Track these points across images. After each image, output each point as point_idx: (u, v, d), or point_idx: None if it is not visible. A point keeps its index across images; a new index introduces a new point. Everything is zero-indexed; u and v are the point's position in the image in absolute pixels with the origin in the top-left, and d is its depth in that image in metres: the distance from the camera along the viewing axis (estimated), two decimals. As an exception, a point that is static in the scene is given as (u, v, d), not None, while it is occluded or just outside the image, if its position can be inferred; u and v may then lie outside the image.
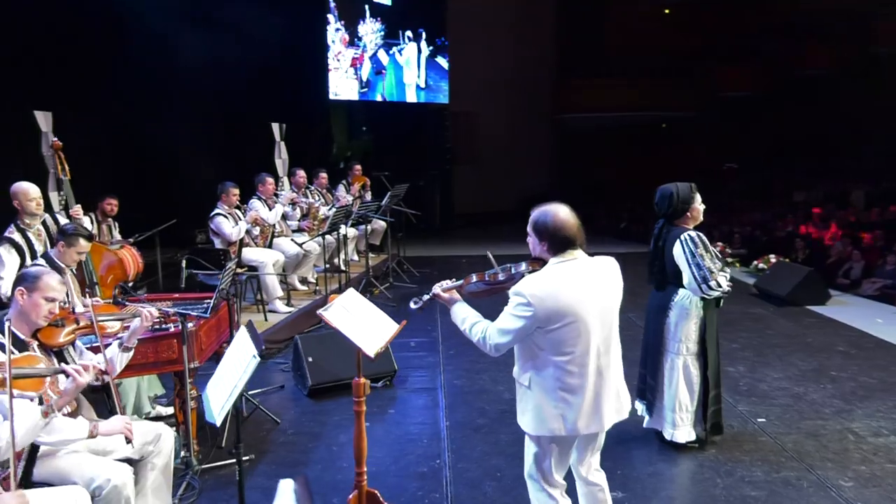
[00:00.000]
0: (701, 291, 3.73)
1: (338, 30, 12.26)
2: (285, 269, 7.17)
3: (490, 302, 2.85)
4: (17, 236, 4.61)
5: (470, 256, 10.68)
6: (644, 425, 4.07)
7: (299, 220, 7.85)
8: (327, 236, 7.53)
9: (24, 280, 2.74)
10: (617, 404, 2.69)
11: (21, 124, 6.92)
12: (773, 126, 17.14)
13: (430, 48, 14.04)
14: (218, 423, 2.62)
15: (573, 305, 2.51)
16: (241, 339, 2.85)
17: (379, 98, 13.30)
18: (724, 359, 5.45)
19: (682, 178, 3.93)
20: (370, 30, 13.10)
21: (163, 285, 7.16)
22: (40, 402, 2.47)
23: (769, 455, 3.91)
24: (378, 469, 3.80)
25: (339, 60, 12.17)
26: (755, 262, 9.17)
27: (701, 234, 3.84)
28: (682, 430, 3.94)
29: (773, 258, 8.80)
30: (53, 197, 7.58)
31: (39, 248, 4.83)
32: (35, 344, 2.80)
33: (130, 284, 6.01)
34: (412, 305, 2.82)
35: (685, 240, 3.77)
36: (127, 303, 3.74)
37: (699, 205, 3.91)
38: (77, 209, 4.84)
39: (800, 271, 7.70)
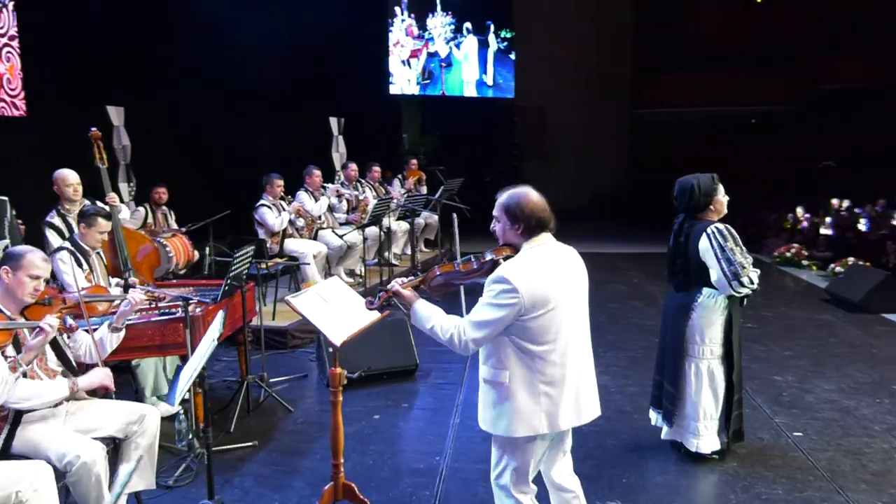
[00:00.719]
0: (731, 288, 3.44)
1: (403, 20, 12.31)
2: (329, 261, 7.24)
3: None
4: (57, 220, 4.83)
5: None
6: (662, 437, 3.80)
7: (347, 213, 7.90)
8: (373, 229, 7.56)
9: (9, 259, 2.83)
10: (593, 398, 2.55)
11: (94, 119, 7.34)
12: (882, 122, 15.74)
13: (500, 43, 13.85)
14: (175, 405, 2.61)
15: (555, 291, 2.38)
16: (214, 323, 2.83)
17: (441, 93, 13.27)
18: (773, 367, 5.11)
19: (775, 177, 3.64)
20: (439, 23, 13.09)
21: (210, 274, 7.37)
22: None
23: (796, 472, 3.56)
24: (374, 461, 3.75)
25: (398, 53, 12.24)
26: (832, 266, 8.50)
27: (729, 227, 3.55)
28: (706, 439, 3.65)
29: (850, 261, 8.12)
30: (123, 188, 7.98)
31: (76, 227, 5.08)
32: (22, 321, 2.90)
33: (182, 272, 6.25)
34: (367, 306, 2.67)
35: (712, 233, 3.48)
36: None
37: (722, 197, 3.61)
38: (112, 196, 5.00)
39: (876, 275, 7.06)
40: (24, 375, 2.71)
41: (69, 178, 5.00)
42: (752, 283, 3.45)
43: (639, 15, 17.24)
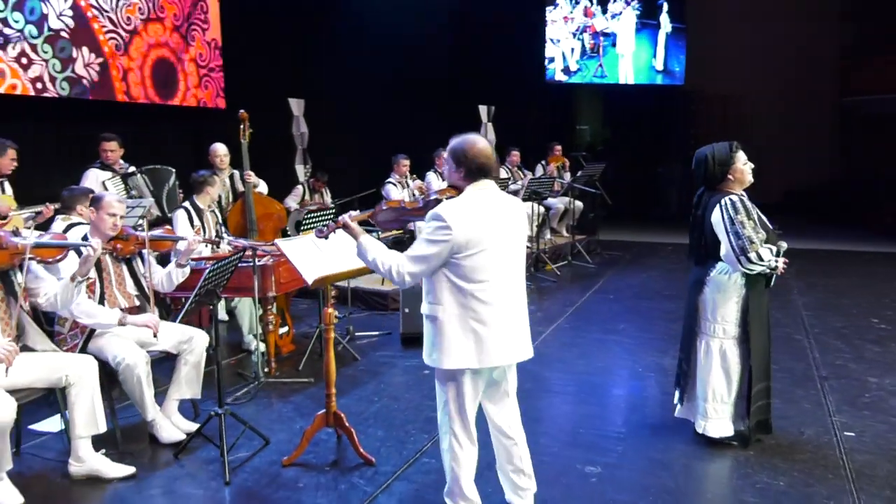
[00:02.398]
0: (739, 264, 3.26)
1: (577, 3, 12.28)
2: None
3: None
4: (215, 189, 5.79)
5: (678, 245, 9.99)
6: (675, 414, 3.67)
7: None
8: None
9: (95, 202, 3.61)
10: (524, 341, 2.68)
11: (279, 109, 8.51)
12: None
13: (672, 24, 13.22)
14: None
15: (489, 232, 2.55)
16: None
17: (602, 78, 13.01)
18: (877, 369, 4.61)
19: None
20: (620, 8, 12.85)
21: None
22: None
23: (817, 468, 3.25)
24: (378, 411, 4.02)
25: (559, 33, 12.22)
26: None
27: (745, 198, 3.35)
28: (714, 422, 3.48)
29: None
30: (299, 169, 9.09)
31: (223, 195, 6.04)
32: (109, 251, 3.68)
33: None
34: (316, 235, 2.97)
35: (725, 204, 3.31)
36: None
37: (743, 164, 3.39)
38: (249, 173, 5.82)
39: None
40: (84, 287, 3.39)
41: (218, 150, 6.02)
42: (761, 259, 3.22)
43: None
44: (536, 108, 12.14)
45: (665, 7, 13.03)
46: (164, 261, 4.09)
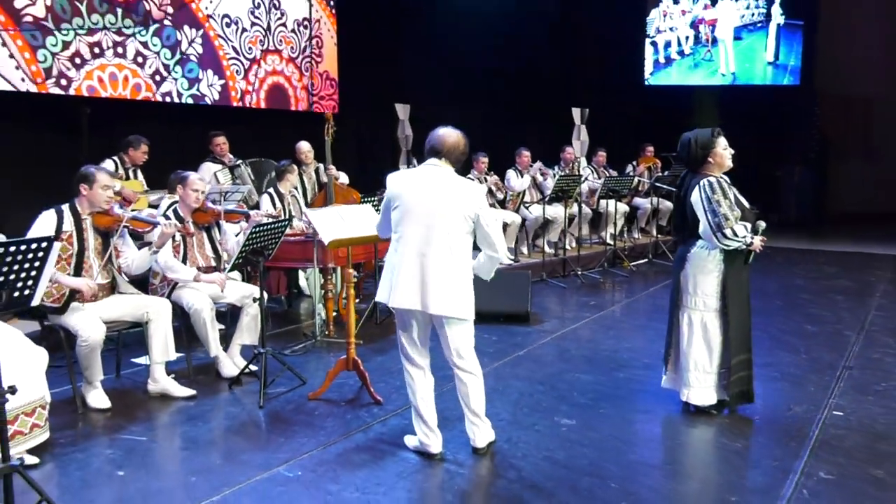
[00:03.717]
0: (716, 240, 3.52)
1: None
2: (527, 232, 8.14)
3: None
4: (293, 176, 6.68)
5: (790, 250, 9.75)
6: (662, 384, 3.92)
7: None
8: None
9: (181, 180, 4.49)
10: (443, 298, 3.06)
11: (387, 114, 9.39)
12: None
13: (784, 17, 12.65)
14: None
15: (405, 194, 3.09)
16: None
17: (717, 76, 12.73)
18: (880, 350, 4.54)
19: None
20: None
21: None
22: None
23: (782, 437, 3.42)
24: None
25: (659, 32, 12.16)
26: None
27: (722, 179, 3.60)
28: (697, 391, 3.71)
29: None
30: (402, 168, 9.91)
31: (309, 185, 6.88)
32: (191, 221, 4.55)
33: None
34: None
35: (703, 185, 3.58)
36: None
37: (723, 150, 3.63)
38: (331, 167, 6.59)
39: None
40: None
41: (302, 147, 6.86)
42: (736, 235, 3.45)
43: None
44: (639, 109, 12.17)
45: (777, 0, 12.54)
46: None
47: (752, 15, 12.61)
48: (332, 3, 8.53)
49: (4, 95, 5.71)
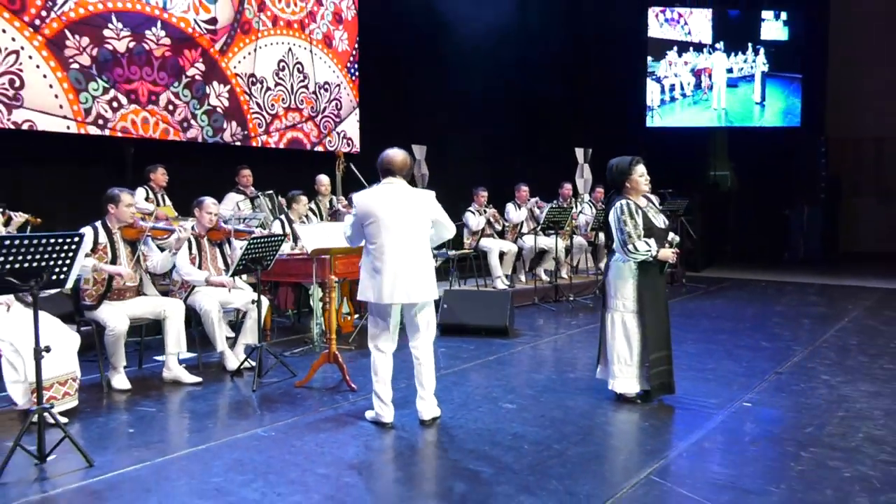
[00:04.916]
0: (624, 253, 4.16)
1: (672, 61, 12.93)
2: (524, 261, 8.80)
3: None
4: (311, 204, 7.50)
5: (777, 283, 10.17)
6: (596, 375, 4.51)
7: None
8: (578, 240, 8.90)
9: (198, 205, 5.32)
10: (414, 288, 3.76)
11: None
12: None
13: (767, 66, 13.27)
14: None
15: (377, 210, 3.78)
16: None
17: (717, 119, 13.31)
18: (833, 369, 5.02)
19: None
20: (750, 59, 13.28)
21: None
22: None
23: (676, 417, 3.97)
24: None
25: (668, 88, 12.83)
26: None
27: (630, 203, 4.21)
28: (620, 381, 4.29)
29: None
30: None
31: (324, 212, 7.68)
32: (206, 239, 5.36)
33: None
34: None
35: (616, 207, 4.23)
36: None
37: (638, 176, 4.26)
38: (340, 198, 7.41)
39: None
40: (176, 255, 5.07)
41: (322, 179, 7.73)
42: (637, 250, 4.08)
43: None
44: (640, 149, 12.79)
45: (761, 50, 13.21)
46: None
47: (741, 70, 13.31)
48: (353, 71, 9.40)
49: (63, 137, 6.71)
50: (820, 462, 3.34)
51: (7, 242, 3.12)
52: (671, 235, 4.26)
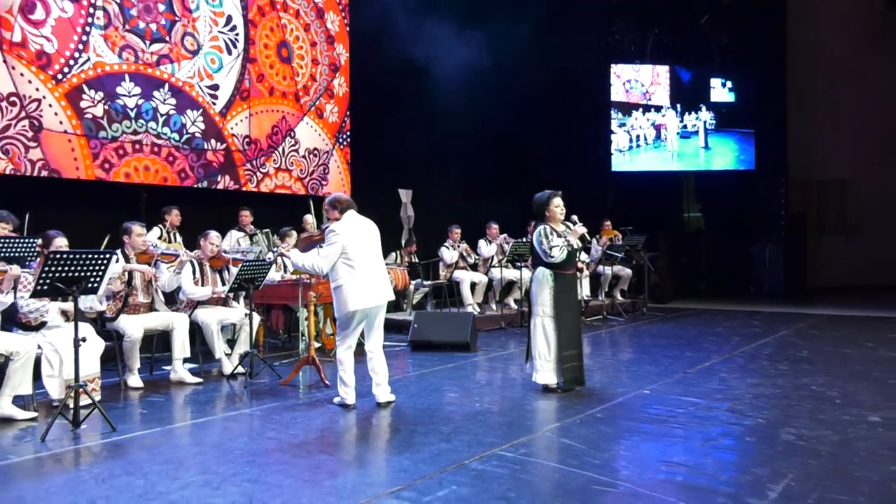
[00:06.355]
0: (548, 260, 5.17)
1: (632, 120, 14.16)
2: (495, 290, 9.81)
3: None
4: (292, 238, 8.58)
5: (729, 312, 11.10)
6: (525, 370, 5.47)
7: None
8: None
9: (204, 236, 6.38)
10: (381, 292, 4.81)
11: (391, 197, 11.33)
12: None
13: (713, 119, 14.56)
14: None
15: (352, 237, 4.82)
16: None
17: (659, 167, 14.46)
18: (737, 372, 5.95)
19: None
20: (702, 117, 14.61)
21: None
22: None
23: (583, 399, 4.92)
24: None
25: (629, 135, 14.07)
26: None
27: (548, 227, 5.24)
28: (541, 374, 5.25)
29: None
30: (404, 242, 11.72)
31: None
32: (208, 265, 6.41)
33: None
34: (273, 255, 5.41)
35: (538, 231, 5.27)
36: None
37: (555, 207, 5.30)
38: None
39: None
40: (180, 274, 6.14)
41: (307, 218, 8.71)
42: (555, 253, 5.10)
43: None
44: (613, 193, 13.95)
45: (703, 108, 14.58)
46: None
47: (694, 126, 14.70)
48: (342, 140, 10.50)
49: (80, 184, 7.79)
50: (685, 423, 4.28)
51: (56, 256, 4.18)
52: (573, 217, 5.30)
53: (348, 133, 10.50)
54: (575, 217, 5.34)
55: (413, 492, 3.18)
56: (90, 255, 4.32)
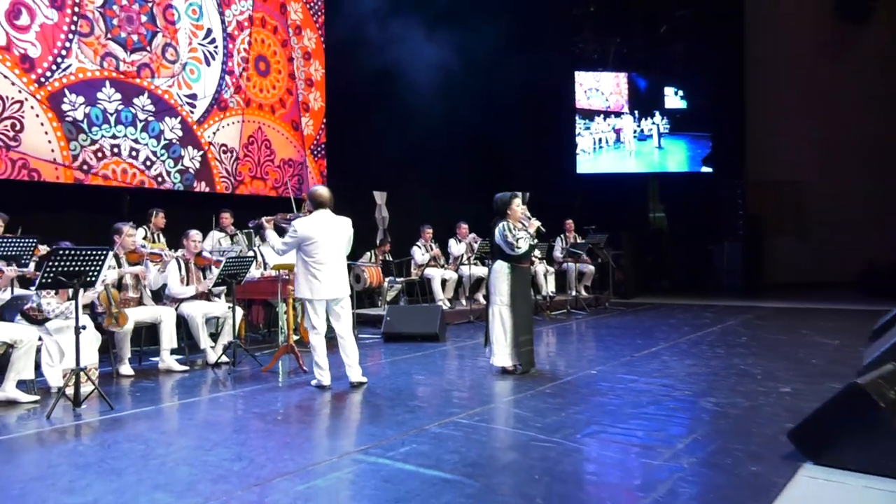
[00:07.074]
0: (512, 252, 5.72)
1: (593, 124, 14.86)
2: (464, 286, 10.38)
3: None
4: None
5: (686, 306, 11.77)
6: (486, 354, 6.04)
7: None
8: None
9: (185, 236, 6.85)
10: (339, 287, 5.34)
11: (365, 199, 11.82)
12: None
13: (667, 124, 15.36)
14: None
15: (316, 234, 5.34)
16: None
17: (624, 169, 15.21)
18: (681, 357, 6.56)
19: None
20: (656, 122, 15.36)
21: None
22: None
23: (534, 380, 5.50)
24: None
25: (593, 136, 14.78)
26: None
27: (510, 223, 5.81)
28: (498, 357, 5.81)
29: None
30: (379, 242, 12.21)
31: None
32: (193, 259, 6.88)
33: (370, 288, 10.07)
34: (249, 223, 5.93)
35: (500, 227, 5.83)
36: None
37: (517, 207, 5.87)
38: None
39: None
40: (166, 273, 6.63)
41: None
42: (517, 241, 5.66)
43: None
44: (581, 195, 14.61)
45: (656, 114, 15.46)
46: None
47: (649, 130, 15.54)
48: (317, 153, 10.97)
49: (69, 188, 8.19)
50: (621, 395, 4.86)
51: (60, 252, 4.65)
52: (527, 213, 5.89)
53: (324, 145, 10.98)
54: (528, 212, 5.90)
55: (379, 449, 3.72)
56: (88, 252, 4.80)
